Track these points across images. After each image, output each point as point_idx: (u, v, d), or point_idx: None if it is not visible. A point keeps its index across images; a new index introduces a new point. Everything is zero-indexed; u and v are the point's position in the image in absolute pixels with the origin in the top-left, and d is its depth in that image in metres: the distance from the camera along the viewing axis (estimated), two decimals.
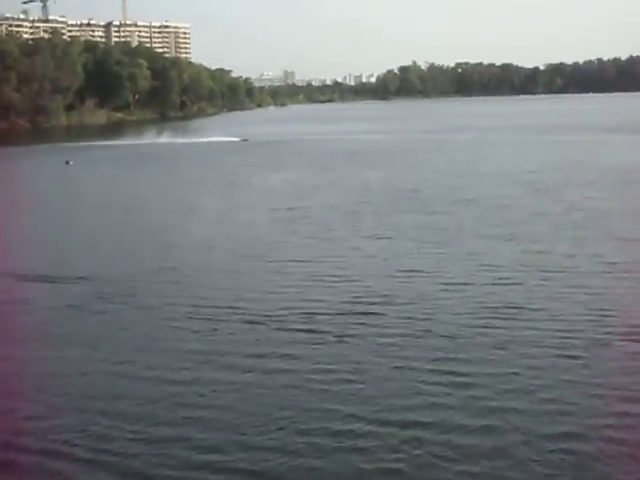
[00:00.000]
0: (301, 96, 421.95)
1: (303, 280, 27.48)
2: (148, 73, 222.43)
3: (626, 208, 41.10)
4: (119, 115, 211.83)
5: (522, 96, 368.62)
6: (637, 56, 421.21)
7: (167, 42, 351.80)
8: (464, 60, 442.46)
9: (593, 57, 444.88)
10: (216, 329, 22.06)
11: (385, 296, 24.78)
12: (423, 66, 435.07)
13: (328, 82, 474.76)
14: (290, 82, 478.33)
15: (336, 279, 27.37)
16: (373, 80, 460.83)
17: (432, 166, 67.93)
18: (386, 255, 31.20)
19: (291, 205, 45.53)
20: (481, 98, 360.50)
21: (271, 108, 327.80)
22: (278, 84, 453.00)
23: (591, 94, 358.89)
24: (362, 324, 22.00)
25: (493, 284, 26.03)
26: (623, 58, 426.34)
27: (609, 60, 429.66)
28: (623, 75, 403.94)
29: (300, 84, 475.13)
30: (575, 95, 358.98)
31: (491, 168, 64.04)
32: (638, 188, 48.91)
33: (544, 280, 26.35)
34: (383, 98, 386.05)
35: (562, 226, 36.23)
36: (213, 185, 59.08)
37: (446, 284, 26.17)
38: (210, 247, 33.89)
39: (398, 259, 30.35)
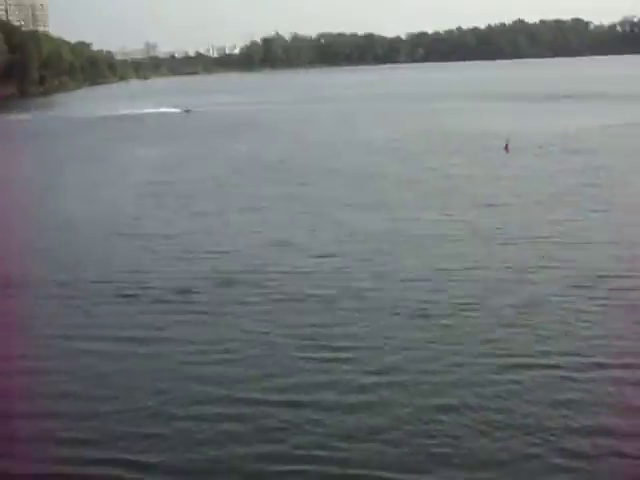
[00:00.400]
0: (164, 69, 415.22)
1: (173, 255, 27.11)
2: (5, 47, 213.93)
3: (487, 174, 42.19)
4: None
5: (385, 65, 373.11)
6: (495, 25, 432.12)
7: (24, 16, 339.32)
8: (327, 30, 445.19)
9: (453, 26, 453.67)
10: (84, 305, 21.67)
11: (257, 269, 24.75)
12: (286, 37, 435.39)
13: (191, 54, 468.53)
14: (153, 55, 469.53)
15: (207, 253, 27.16)
16: (237, 52, 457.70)
17: (300, 136, 68.07)
18: (257, 227, 31.06)
19: (157, 179, 44.82)
20: (345, 68, 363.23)
21: (134, 82, 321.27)
22: (140, 57, 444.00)
23: (452, 62, 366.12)
24: (235, 297, 21.94)
25: (362, 253, 26.30)
26: (482, 27, 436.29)
27: (468, 29, 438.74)
28: (482, 44, 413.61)
29: (163, 56, 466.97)
30: (436, 64, 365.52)
31: (357, 137, 64.66)
32: (498, 154, 50.22)
33: (413, 247, 26.85)
34: (248, 69, 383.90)
35: (428, 193, 36.92)
36: (72, 162, 57.43)
37: (317, 255, 26.29)
38: (75, 225, 33.04)
39: (269, 231, 30.27)
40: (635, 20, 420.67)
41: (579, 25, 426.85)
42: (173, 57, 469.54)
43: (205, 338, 18.92)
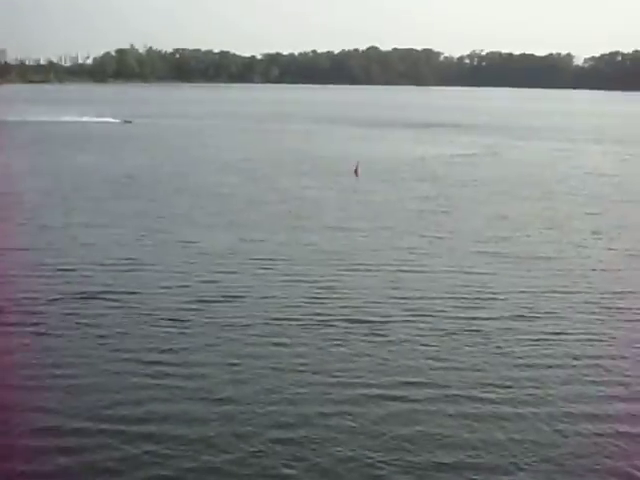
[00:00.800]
0: (13, 75, 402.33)
1: (14, 272, 26.22)
2: None
3: (336, 198, 42.88)
4: None
5: (240, 84, 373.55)
6: (348, 50, 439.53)
7: None
8: (183, 46, 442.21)
9: (308, 49, 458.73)
10: None
11: (104, 286, 24.27)
12: (141, 49, 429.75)
13: (43, 62, 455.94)
14: (2, 61, 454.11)
15: (50, 269, 26.39)
16: (90, 62, 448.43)
17: (149, 152, 67.18)
18: (101, 244, 30.45)
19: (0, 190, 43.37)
20: (199, 85, 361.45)
21: None
22: None
23: (306, 85, 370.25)
24: (79, 314, 21.43)
25: (210, 272, 26.22)
26: (336, 52, 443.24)
27: (323, 53, 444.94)
28: (336, 68, 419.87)
29: (13, 63, 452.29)
30: (291, 85, 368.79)
31: (209, 155, 64.48)
32: (347, 177, 51.13)
33: (259, 268, 26.94)
34: (100, 81, 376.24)
35: (277, 215, 37.17)
36: None
37: (163, 272, 26.05)
38: None
39: (115, 248, 29.74)
40: (483, 54, 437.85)
41: (430, 55, 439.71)
42: (24, 64, 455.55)
43: (45, 361, 18.41)
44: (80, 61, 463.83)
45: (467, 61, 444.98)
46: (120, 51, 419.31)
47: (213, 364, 18.14)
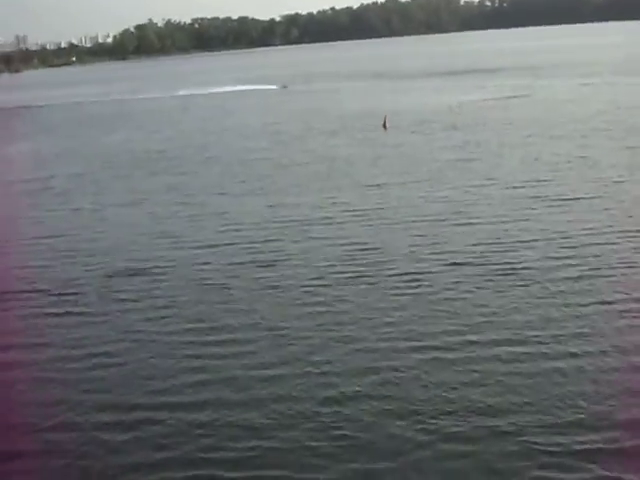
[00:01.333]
0: (35, 61, 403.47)
1: (53, 256, 26.23)
2: None
3: (367, 153, 42.41)
4: None
5: (261, 48, 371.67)
6: (367, 4, 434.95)
7: None
8: (201, 15, 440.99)
9: (327, 7, 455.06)
10: None
11: (142, 264, 24.27)
12: (160, 23, 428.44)
13: (63, 45, 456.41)
14: (23, 47, 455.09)
15: (88, 252, 26.38)
16: (110, 40, 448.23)
17: (178, 125, 67.10)
18: (138, 222, 30.44)
19: (30, 177, 43.42)
20: (221, 52, 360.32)
21: (4, 75, 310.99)
22: (10, 50, 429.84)
23: (327, 43, 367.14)
24: (123, 295, 21.46)
25: (247, 241, 26.09)
26: (355, 7, 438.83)
27: (342, 9, 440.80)
28: (356, 23, 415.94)
29: (34, 48, 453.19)
30: (311, 45, 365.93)
31: (235, 122, 64.17)
32: (376, 132, 50.63)
33: (297, 232, 26.72)
34: (122, 58, 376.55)
35: (308, 177, 36.84)
36: None
37: (203, 246, 25.91)
38: None
39: (152, 225, 29.70)
40: None
41: (450, 1, 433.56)
42: (45, 49, 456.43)
43: (94, 337, 18.41)
44: (100, 40, 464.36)
45: (488, 3, 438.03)
46: (139, 27, 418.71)
47: (257, 332, 18.02)
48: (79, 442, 13.80)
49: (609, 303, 18.20)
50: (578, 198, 28.59)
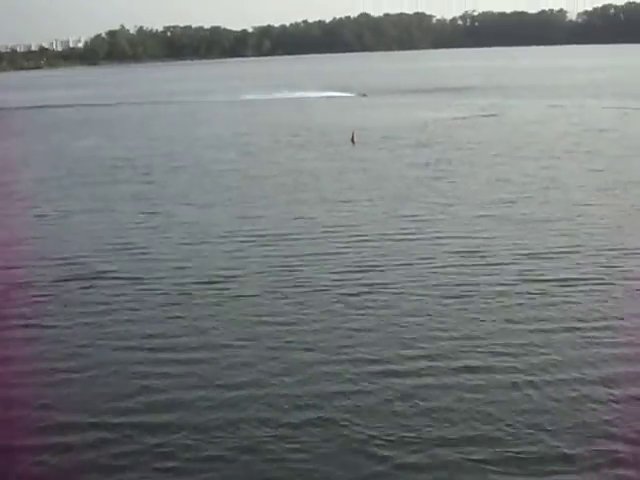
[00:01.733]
0: (4, 63, 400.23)
1: (9, 264, 25.84)
2: None
3: (333, 168, 42.38)
4: None
5: (233, 59, 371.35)
6: (340, 18, 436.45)
7: None
8: (173, 23, 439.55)
9: (299, 19, 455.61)
10: None
11: (105, 275, 23.87)
12: (132, 30, 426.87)
13: (34, 48, 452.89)
14: None
15: (47, 260, 25.98)
16: (81, 45, 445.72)
17: (146, 132, 66.75)
18: (98, 230, 30.10)
19: None
20: (193, 62, 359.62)
21: None
22: None
23: (299, 55, 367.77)
24: (80, 306, 21.10)
25: (210, 253, 25.93)
26: (327, 21, 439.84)
27: (314, 22, 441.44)
28: (328, 37, 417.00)
29: (4, 51, 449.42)
30: (284, 57, 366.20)
31: (204, 132, 63.94)
32: (343, 147, 50.68)
33: (260, 246, 26.57)
34: (93, 64, 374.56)
35: (275, 189, 36.72)
36: None
37: (165, 259, 25.62)
38: None
39: (111, 233, 29.38)
40: (475, 14, 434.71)
41: (423, 19, 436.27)
42: (15, 51, 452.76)
43: (48, 350, 18.11)
44: (71, 45, 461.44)
45: (460, 22, 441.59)
46: (111, 33, 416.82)
47: (215, 345, 17.82)
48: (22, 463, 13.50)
49: (575, 329, 18.13)
50: (543, 220, 28.70)
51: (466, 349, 17.09)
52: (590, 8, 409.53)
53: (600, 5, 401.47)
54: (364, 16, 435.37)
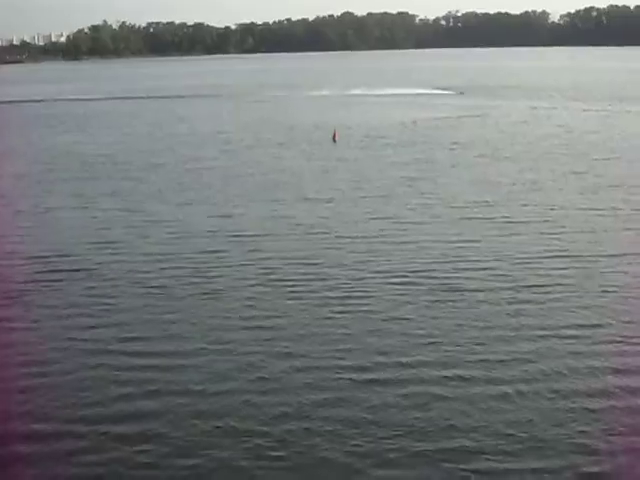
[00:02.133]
0: None
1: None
2: None
3: (315, 167, 42.18)
4: None
5: (215, 55, 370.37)
6: (323, 17, 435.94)
7: None
8: (156, 20, 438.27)
9: (283, 17, 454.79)
10: None
11: (81, 271, 23.64)
12: (115, 25, 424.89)
13: (15, 42, 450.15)
14: None
15: (24, 255, 25.59)
16: (63, 40, 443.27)
17: (126, 129, 66.20)
18: (75, 227, 29.75)
19: None
20: (175, 58, 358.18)
21: None
22: None
23: (282, 53, 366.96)
24: (56, 301, 20.82)
25: (188, 251, 25.60)
26: (311, 19, 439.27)
27: (298, 20, 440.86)
28: (312, 35, 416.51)
29: None
30: (266, 54, 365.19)
31: (184, 130, 63.49)
32: (325, 145, 50.47)
33: (237, 245, 26.32)
34: (75, 58, 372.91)
35: (255, 188, 36.44)
36: None
37: (143, 256, 25.33)
38: None
39: (88, 230, 29.02)
40: (458, 15, 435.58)
41: (406, 18, 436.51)
42: None
43: (24, 344, 17.77)
44: (54, 39, 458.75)
45: (443, 22, 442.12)
46: (94, 28, 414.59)
47: (191, 350, 17.52)
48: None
49: (552, 327, 18.05)
50: (523, 221, 28.61)
51: (443, 355, 16.87)
52: (573, 10, 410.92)
53: (582, 7, 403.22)
54: (348, 15, 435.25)
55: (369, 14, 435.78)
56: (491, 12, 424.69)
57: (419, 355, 16.79)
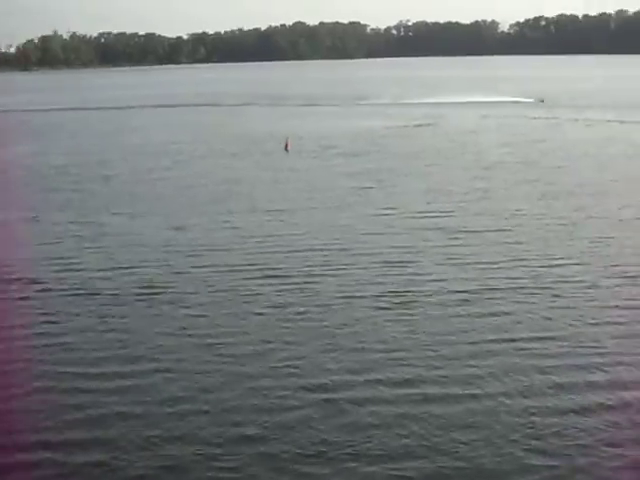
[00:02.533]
0: None
1: None
2: None
3: (267, 176, 42.09)
4: None
5: (167, 66, 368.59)
6: (275, 26, 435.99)
7: None
8: (107, 30, 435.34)
9: (235, 27, 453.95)
10: None
11: (26, 282, 23.41)
12: (65, 35, 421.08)
13: None
14: None
15: None
16: (13, 50, 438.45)
17: (77, 140, 65.52)
18: (24, 239, 29.41)
19: None
20: (126, 68, 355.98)
21: None
22: None
23: (234, 63, 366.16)
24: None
25: (134, 263, 25.38)
26: (263, 28, 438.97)
27: (250, 30, 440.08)
28: (263, 45, 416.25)
29: None
30: (219, 64, 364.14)
31: (136, 140, 62.95)
32: (278, 155, 50.42)
33: (189, 257, 26.12)
34: (25, 69, 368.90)
35: (206, 199, 36.25)
36: None
37: (88, 268, 24.98)
38: None
39: (37, 243, 28.66)
40: (409, 24, 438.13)
41: (357, 28, 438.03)
42: None
43: None
44: (3, 50, 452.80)
45: (394, 32, 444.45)
46: (44, 38, 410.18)
47: (143, 357, 17.38)
48: None
49: (510, 340, 18.06)
50: (475, 230, 28.68)
51: (396, 360, 16.91)
52: (522, 19, 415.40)
53: (532, 17, 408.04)
54: (299, 24, 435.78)
55: (321, 23, 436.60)
56: (441, 21, 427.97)
57: (373, 372, 16.51)
